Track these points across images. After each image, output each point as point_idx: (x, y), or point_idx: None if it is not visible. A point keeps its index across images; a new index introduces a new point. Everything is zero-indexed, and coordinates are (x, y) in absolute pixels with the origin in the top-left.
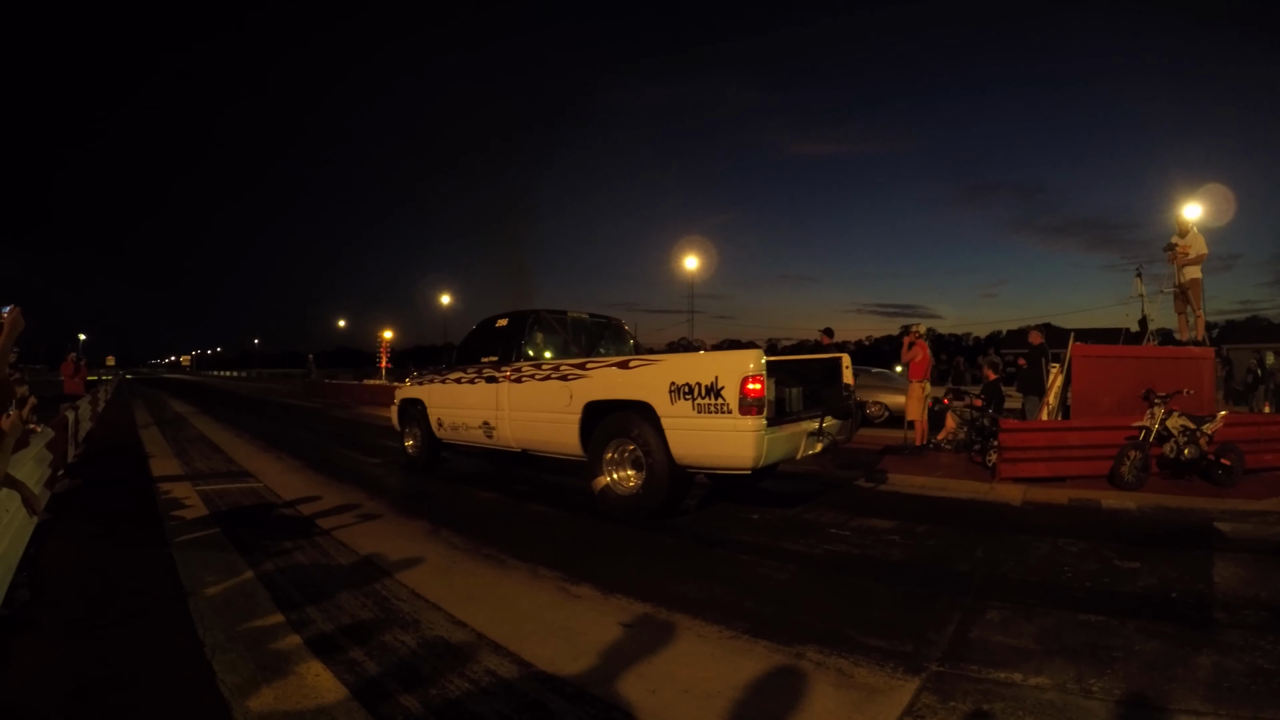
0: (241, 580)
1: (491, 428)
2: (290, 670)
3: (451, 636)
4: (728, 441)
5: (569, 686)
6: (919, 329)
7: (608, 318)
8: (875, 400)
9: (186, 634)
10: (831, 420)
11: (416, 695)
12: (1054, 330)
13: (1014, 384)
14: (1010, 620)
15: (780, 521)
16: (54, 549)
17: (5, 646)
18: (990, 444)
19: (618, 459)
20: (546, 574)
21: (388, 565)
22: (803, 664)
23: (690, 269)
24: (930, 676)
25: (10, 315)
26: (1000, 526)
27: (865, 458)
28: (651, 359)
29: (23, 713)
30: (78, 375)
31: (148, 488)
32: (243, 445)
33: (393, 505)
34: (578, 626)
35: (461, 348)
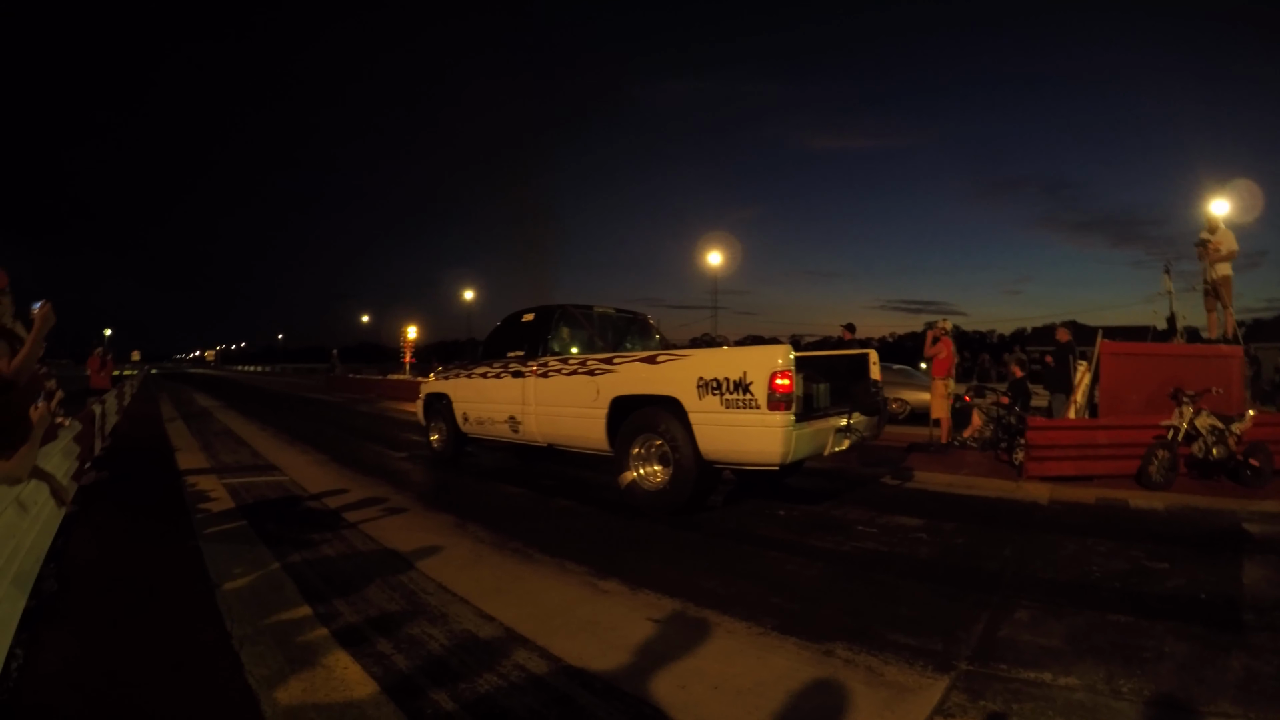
0: (269, 572)
1: (517, 422)
2: (319, 663)
3: (480, 630)
4: (756, 437)
5: (598, 682)
6: (944, 325)
7: (633, 313)
8: (897, 397)
9: (214, 626)
10: (859, 416)
11: (446, 689)
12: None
13: (1040, 381)
14: (1039, 619)
15: (807, 518)
16: (81, 541)
17: (33, 637)
18: (1017, 442)
19: (644, 454)
20: (574, 569)
21: (415, 558)
22: (832, 661)
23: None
24: (960, 675)
25: (41, 310)
26: (1028, 525)
27: (890, 455)
28: (679, 354)
29: (51, 703)
30: (104, 370)
31: (174, 481)
32: (268, 439)
33: (419, 499)
34: (606, 621)
35: (487, 343)
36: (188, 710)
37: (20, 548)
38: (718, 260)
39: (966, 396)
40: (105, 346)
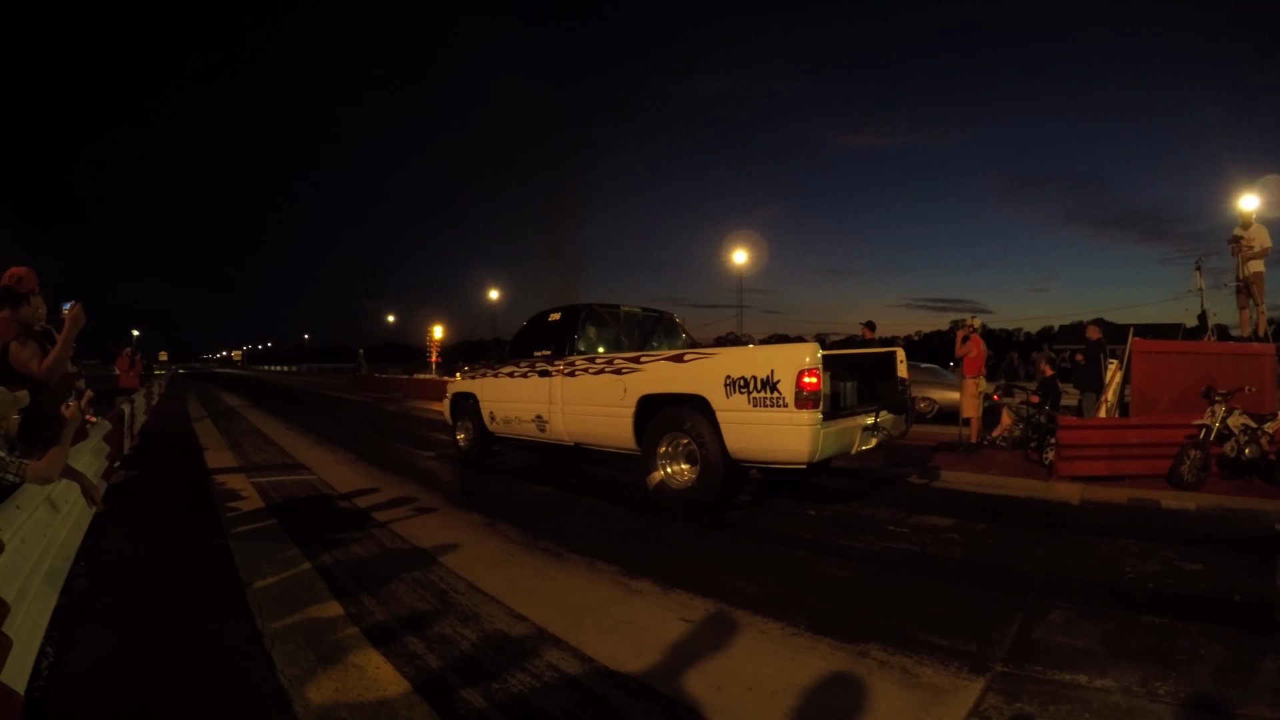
0: (299, 571)
1: (544, 421)
2: (350, 662)
3: (511, 630)
4: (783, 435)
5: (632, 682)
6: (973, 323)
7: (660, 311)
8: (925, 396)
9: (245, 625)
10: (886, 415)
11: (479, 689)
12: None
13: (1070, 380)
14: (1073, 621)
15: (837, 518)
16: (111, 539)
17: (64, 634)
18: (1047, 441)
19: (671, 453)
20: (605, 568)
21: (445, 558)
22: (866, 662)
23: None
24: (995, 677)
25: (71, 311)
26: (1060, 526)
27: (919, 454)
28: (706, 352)
29: (82, 701)
30: (133, 370)
31: (203, 479)
32: (296, 438)
33: (447, 498)
34: (638, 621)
35: (514, 342)
36: (220, 709)
37: (51, 546)
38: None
39: (995, 395)
40: (134, 346)
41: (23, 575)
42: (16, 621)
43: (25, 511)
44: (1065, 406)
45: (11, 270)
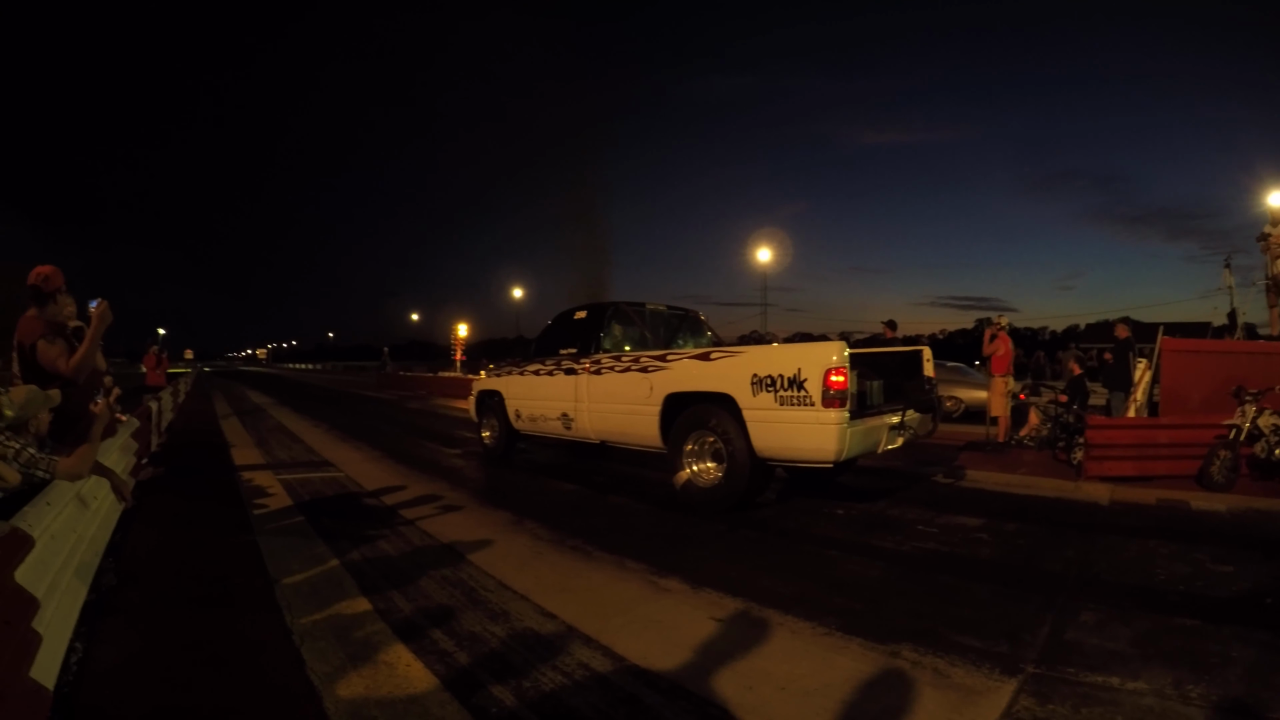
0: (328, 568)
1: (570, 419)
2: (380, 659)
3: (541, 628)
4: (810, 434)
5: (663, 681)
6: (1001, 321)
7: (685, 309)
8: (951, 395)
9: (274, 621)
10: (913, 414)
11: (509, 687)
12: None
13: (1098, 379)
14: (1105, 623)
15: (865, 517)
16: (140, 535)
17: (93, 630)
18: (1076, 441)
19: (698, 451)
20: (633, 566)
21: (473, 555)
22: (898, 663)
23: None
24: (1028, 678)
25: (98, 309)
26: (1089, 526)
27: (946, 454)
28: (733, 350)
29: (110, 696)
30: (160, 367)
31: (230, 476)
32: (322, 435)
33: (474, 496)
34: (668, 620)
35: (539, 340)
36: (250, 705)
37: (81, 542)
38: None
39: (1022, 395)
40: (161, 345)
41: (53, 571)
42: (46, 618)
43: (55, 508)
44: (1093, 406)
45: (38, 269)
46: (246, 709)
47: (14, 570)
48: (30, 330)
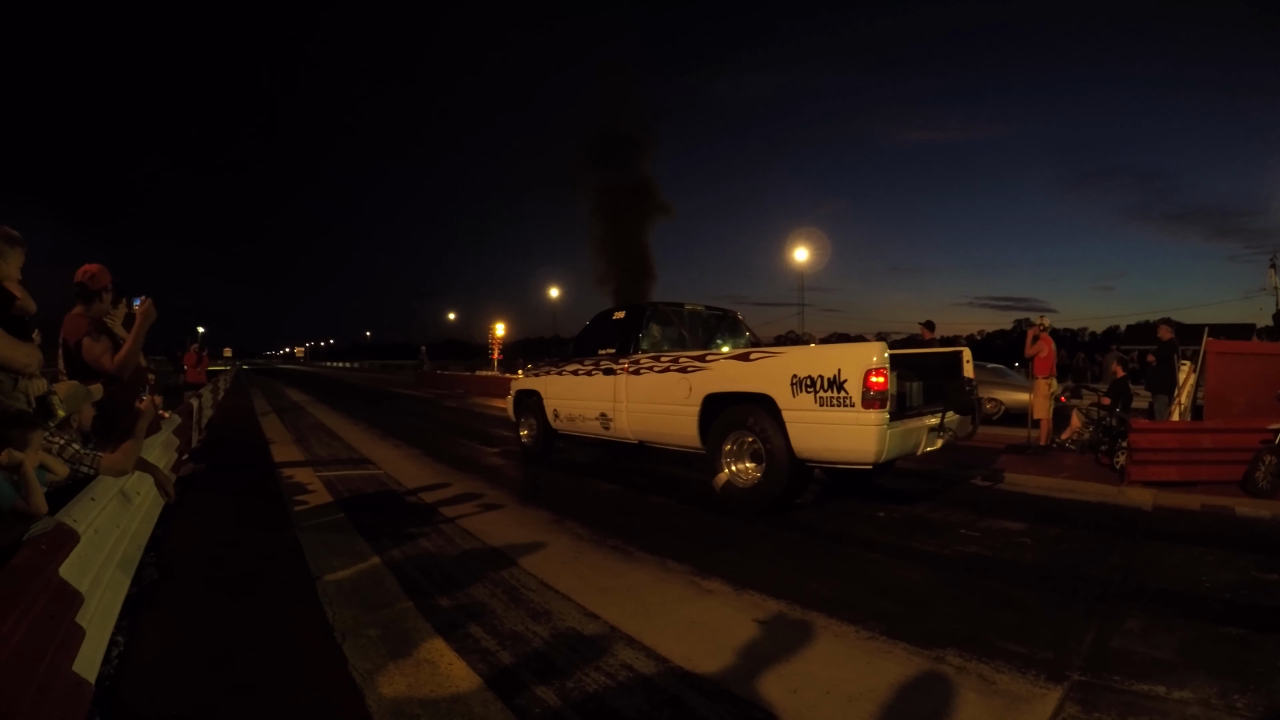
0: (369, 566)
1: (609, 419)
2: (422, 658)
3: (584, 628)
4: (850, 435)
5: (707, 684)
6: (1043, 322)
7: (724, 310)
8: (991, 397)
9: (316, 617)
10: (953, 415)
11: (552, 687)
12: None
13: (1141, 381)
14: (1150, 630)
15: (907, 520)
16: (181, 530)
17: (135, 624)
18: (1118, 445)
19: (736, 451)
20: (675, 567)
21: (514, 554)
22: (943, 668)
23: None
24: (1073, 686)
25: (142, 306)
26: (1133, 532)
27: (986, 456)
28: (773, 351)
29: (153, 690)
30: (200, 365)
31: (270, 472)
32: (360, 433)
33: (514, 495)
34: (712, 622)
35: (578, 340)
36: (292, 701)
37: (124, 537)
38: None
39: (1063, 397)
40: (201, 343)
41: (96, 566)
42: (89, 612)
43: (99, 503)
44: (1135, 409)
45: (85, 268)
46: (289, 705)
47: (59, 565)
48: (76, 327)
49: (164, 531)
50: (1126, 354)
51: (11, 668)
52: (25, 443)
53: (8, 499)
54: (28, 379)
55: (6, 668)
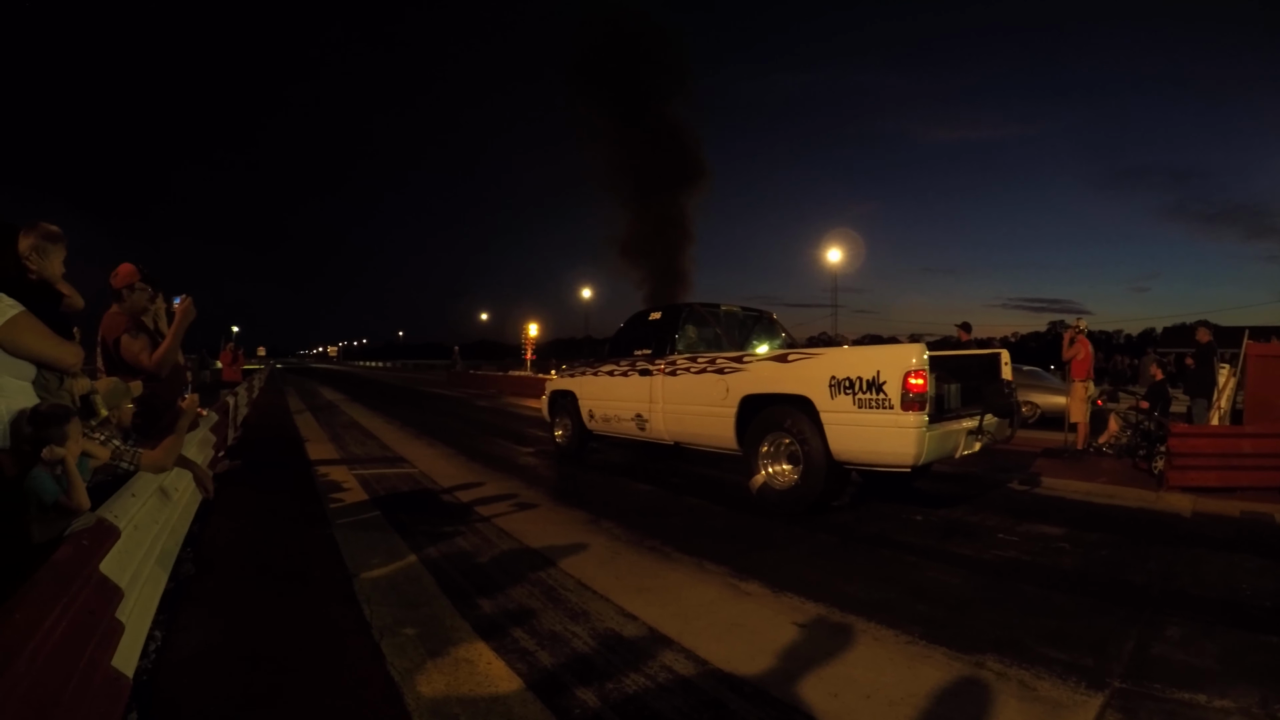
0: (405, 564)
1: (644, 420)
2: (461, 657)
3: (623, 629)
4: (888, 438)
5: (747, 686)
6: (1080, 324)
7: (759, 311)
8: (1027, 400)
9: (353, 615)
10: (991, 418)
11: (592, 688)
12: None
13: (1180, 385)
14: (1190, 638)
15: (944, 523)
16: (217, 527)
17: (172, 619)
18: (1157, 450)
19: (773, 453)
20: (713, 569)
21: (551, 554)
22: (984, 674)
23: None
24: (1114, 693)
25: (182, 304)
26: (1172, 538)
27: (1023, 460)
28: (811, 352)
29: (190, 685)
30: (236, 364)
31: (306, 470)
32: (395, 432)
33: (550, 495)
34: (750, 624)
35: (613, 341)
36: (330, 698)
37: (162, 532)
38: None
39: (1100, 400)
40: (236, 342)
41: (136, 561)
42: (129, 607)
43: (140, 499)
44: (1173, 413)
45: (118, 269)
46: (327, 703)
47: (100, 561)
48: (114, 325)
49: (200, 527)
50: (1164, 357)
51: (53, 662)
52: (64, 437)
53: (51, 494)
54: (72, 377)
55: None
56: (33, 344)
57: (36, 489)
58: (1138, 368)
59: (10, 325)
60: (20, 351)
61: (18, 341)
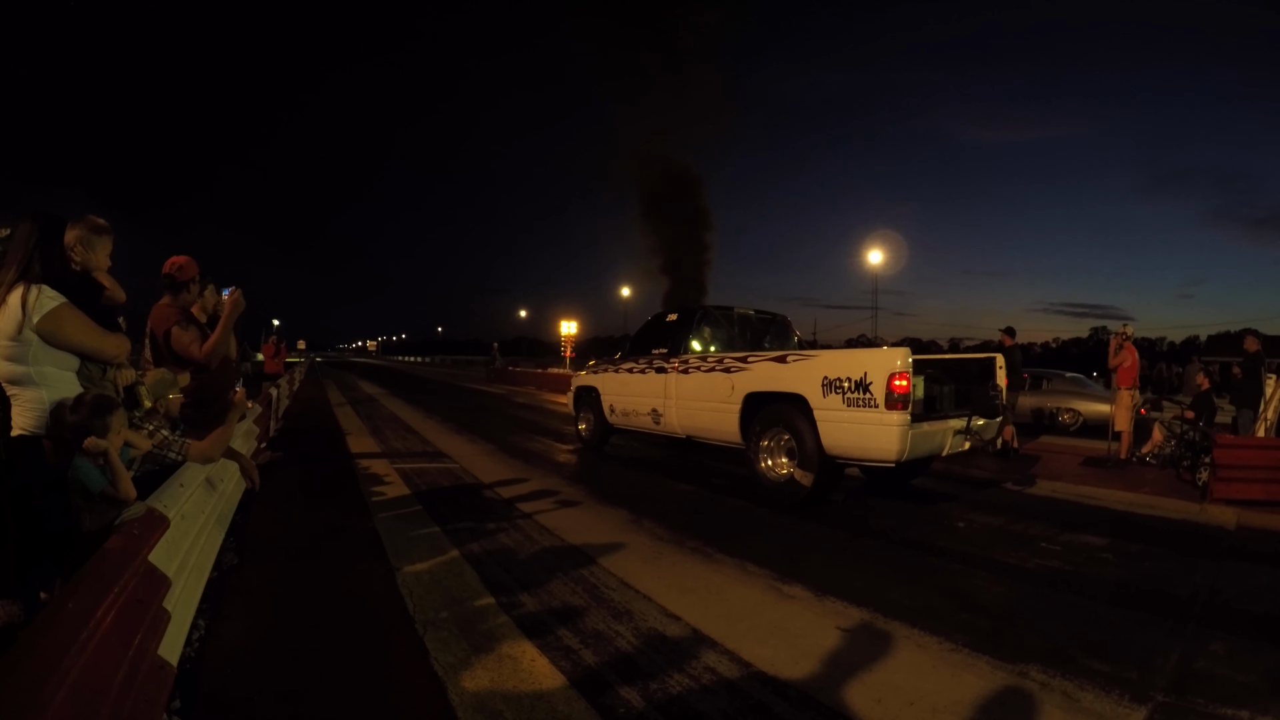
0: (448, 558)
1: (659, 415)
2: (505, 653)
3: (666, 629)
4: (874, 434)
5: (791, 690)
6: (1126, 331)
7: (773, 314)
8: (1069, 407)
9: (396, 609)
10: (980, 420)
11: (636, 688)
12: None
13: (1225, 394)
14: (1234, 653)
15: (987, 531)
16: (259, 517)
17: (215, 608)
18: (1202, 461)
19: (772, 447)
20: (755, 570)
21: (593, 552)
22: (1027, 684)
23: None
24: (1157, 707)
25: (232, 296)
26: (1217, 552)
27: (1065, 468)
28: (807, 354)
29: (233, 674)
30: (278, 357)
31: (347, 463)
32: (434, 426)
33: (591, 492)
34: (794, 627)
35: (634, 340)
36: (375, 691)
37: (208, 522)
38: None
39: (1143, 409)
40: (278, 335)
41: (183, 551)
42: (175, 596)
43: (188, 489)
44: (1218, 423)
45: (173, 259)
46: (371, 696)
47: (150, 551)
48: (164, 317)
49: (243, 518)
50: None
51: (102, 651)
52: (106, 428)
53: (97, 484)
54: (116, 369)
55: (98, 651)
56: (74, 335)
57: (82, 478)
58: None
59: (51, 316)
60: (62, 342)
61: (59, 333)
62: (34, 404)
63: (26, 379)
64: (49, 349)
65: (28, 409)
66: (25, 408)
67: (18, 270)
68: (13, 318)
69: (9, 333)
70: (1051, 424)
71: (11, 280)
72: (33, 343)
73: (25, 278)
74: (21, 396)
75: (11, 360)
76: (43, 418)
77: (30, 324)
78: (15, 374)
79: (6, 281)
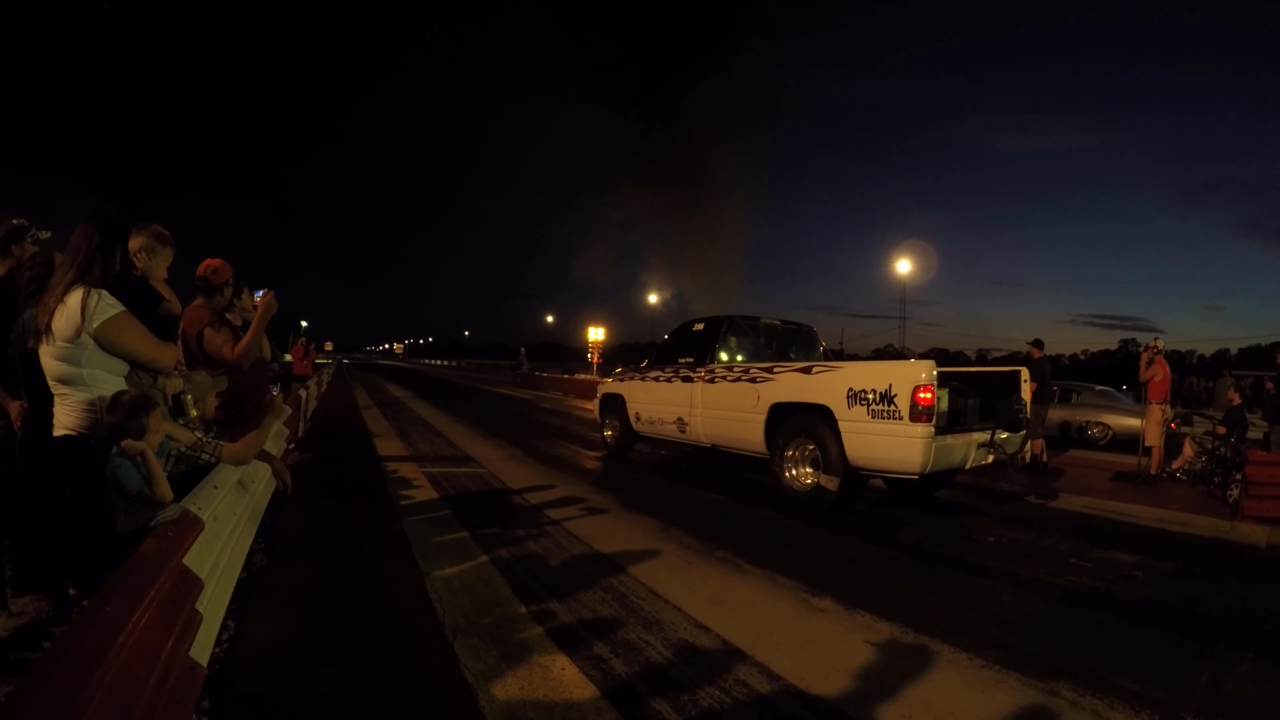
0: (477, 564)
1: (685, 423)
2: (535, 662)
3: (696, 640)
4: (898, 446)
5: (821, 704)
6: (1157, 344)
7: (799, 325)
8: (1098, 421)
9: (426, 614)
10: (1004, 433)
11: (667, 700)
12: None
13: (1257, 410)
14: (1265, 674)
15: (1016, 546)
16: (289, 519)
17: (244, 610)
18: (1233, 477)
19: (797, 457)
20: (785, 583)
21: (622, 561)
22: (1057, 702)
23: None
24: None
25: (264, 298)
26: (1247, 571)
27: (1095, 483)
28: (833, 365)
29: (262, 677)
30: (307, 358)
31: (375, 466)
32: (462, 430)
33: (619, 500)
34: (824, 641)
35: (660, 349)
36: (405, 698)
37: (239, 524)
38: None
39: (1173, 424)
40: (307, 337)
41: (215, 552)
42: (207, 597)
43: (221, 491)
44: (1250, 439)
45: (207, 262)
46: (401, 702)
47: (185, 554)
48: (197, 319)
49: (272, 519)
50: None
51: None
52: (143, 429)
53: (134, 484)
54: (166, 377)
55: (133, 653)
56: (130, 343)
57: (119, 478)
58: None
59: (111, 323)
60: (118, 350)
61: (116, 340)
62: (82, 405)
63: (77, 380)
64: (103, 353)
65: (75, 409)
66: (72, 408)
67: (77, 271)
68: (71, 320)
69: (65, 334)
70: (1080, 438)
71: (70, 281)
72: (88, 346)
73: (84, 280)
74: (70, 397)
75: (64, 361)
76: (90, 419)
77: (89, 328)
78: (67, 374)
79: (65, 281)
